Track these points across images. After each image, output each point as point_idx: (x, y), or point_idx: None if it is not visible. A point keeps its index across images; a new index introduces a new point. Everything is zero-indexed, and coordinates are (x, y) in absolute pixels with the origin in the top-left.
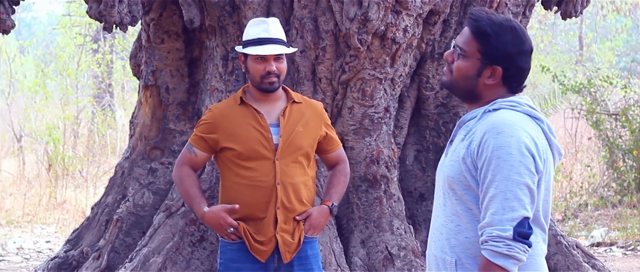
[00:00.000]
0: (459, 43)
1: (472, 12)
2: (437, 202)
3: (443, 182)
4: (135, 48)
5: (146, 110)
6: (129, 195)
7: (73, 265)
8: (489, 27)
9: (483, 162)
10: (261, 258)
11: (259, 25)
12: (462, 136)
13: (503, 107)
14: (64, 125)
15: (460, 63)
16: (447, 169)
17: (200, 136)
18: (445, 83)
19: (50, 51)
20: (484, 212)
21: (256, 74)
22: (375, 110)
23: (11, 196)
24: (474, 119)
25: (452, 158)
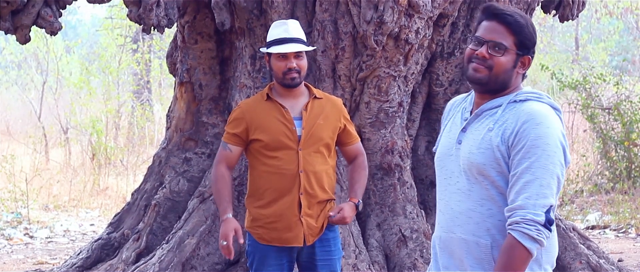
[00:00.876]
0: (495, 38)
1: (494, 7)
2: (457, 188)
3: (468, 168)
4: (171, 48)
5: (181, 105)
6: (166, 182)
7: (115, 246)
8: (522, 19)
9: (519, 149)
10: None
11: (279, 26)
12: (490, 125)
13: (530, 98)
14: (106, 118)
15: (502, 58)
16: (474, 156)
17: (231, 133)
18: (481, 79)
19: (94, 51)
20: (515, 195)
21: (278, 71)
22: (389, 105)
23: (58, 182)
24: (497, 107)
25: (481, 146)
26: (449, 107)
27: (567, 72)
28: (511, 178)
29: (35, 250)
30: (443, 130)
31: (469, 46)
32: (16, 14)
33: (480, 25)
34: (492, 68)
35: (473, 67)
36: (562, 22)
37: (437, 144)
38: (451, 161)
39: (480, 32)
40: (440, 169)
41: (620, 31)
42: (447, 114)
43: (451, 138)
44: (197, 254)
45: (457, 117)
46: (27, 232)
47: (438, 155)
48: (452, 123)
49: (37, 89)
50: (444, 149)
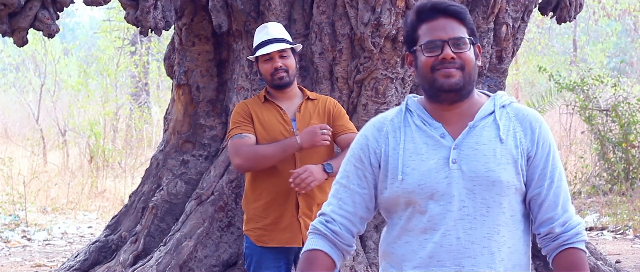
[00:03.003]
0: (454, 34)
1: (430, 4)
2: (464, 214)
3: (486, 188)
4: (169, 50)
5: (179, 107)
6: (163, 184)
7: (112, 248)
8: (461, 6)
9: (542, 156)
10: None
11: (261, 31)
12: (500, 135)
13: (513, 101)
14: (104, 120)
15: (468, 53)
16: (497, 174)
17: (243, 121)
18: (458, 83)
19: (92, 53)
20: (557, 207)
21: (266, 73)
22: (387, 107)
23: (56, 185)
24: (490, 115)
25: (500, 161)
26: (376, 131)
27: (565, 73)
28: (541, 190)
29: (33, 252)
30: (401, 156)
31: (422, 57)
32: (13, 16)
33: (423, 29)
34: (464, 67)
35: (444, 74)
36: (559, 24)
37: (399, 173)
38: (445, 184)
39: (430, 35)
40: (427, 196)
41: (618, 33)
42: (379, 140)
43: (433, 159)
44: (195, 256)
45: (419, 136)
46: (24, 235)
47: (417, 181)
48: (416, 144)
49: (35, 91)
50: (430, 174)
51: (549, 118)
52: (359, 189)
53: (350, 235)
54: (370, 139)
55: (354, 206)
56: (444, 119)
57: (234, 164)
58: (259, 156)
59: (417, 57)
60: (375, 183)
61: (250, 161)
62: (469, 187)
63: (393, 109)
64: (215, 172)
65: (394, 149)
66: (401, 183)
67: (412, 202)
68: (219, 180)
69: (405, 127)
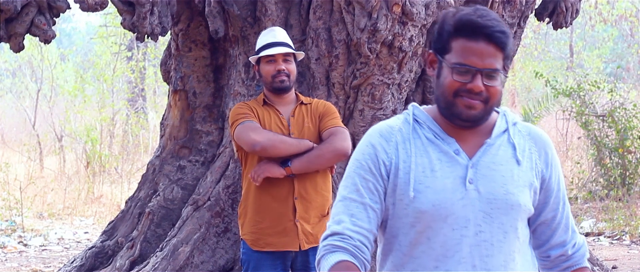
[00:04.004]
0: (491, 65)
1: (477, 23)
2: (480, 239)
3: (504, 212)
4: (165, 56)
5: (175, 112)
6: (160, 190)
7: (109, 254)
8: (506, 27)
9: (553, 178)
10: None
11: (267, 33)
12: (516, 156)
13: (517, 120)
14: (101, 126)
15: (497, 85)
16: (516, 197)
17: (248, 113)
18: (477, 116)
19: (89, 59)
20: (568, 229)
21: (268, 75)
22: (383, 113)
23: (53, 190)
24: (504, 133)
25: (518, 183)
26: (384, 141)
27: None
28: (556, 214)
29: (29, 258)
30: (412, 170)
31: (448, 76)
32: (10, 22)
33: (458, 43)
34: (489, 100)
35: (465, 104)
36: (556, 30)
37: (411, 190)
38: (462, 206)
39: (464, 57)
40: (443, 218)
41: (614, 38)
42: (388, 151)
43: (448, 178)
44: (191, 261)
45: (432, 150)
46: (21, 240)
47: (432, 201)
48: (430, 159)
49: (31, 97)
50: (445, 194)
51: (546, 124)
52: (372, 203)
53: (369, 253)
54: (378, 150)
55: (369, 221)
56: (457, 134)
57: (250, 141)
58: (278, 138)
59: (441, 67)
60: (385, 197)
61: (270, 141)
62: (486, 211)
63: (395, 118)
64: (212, 178)
65: (404, 162)
66: (412, 201)
67: (421, 224)
68: (215, 185)
69: (414, 138)
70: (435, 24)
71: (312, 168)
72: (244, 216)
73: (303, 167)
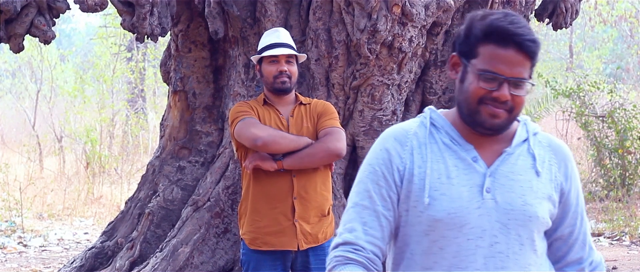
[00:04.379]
0: (519, 74)
1: (507, 29)
2: (496, 251)
3: (521, 224)
4: (165, 56)
5: (175, 113)
6: (160, 191)
7: (108, 254)
8: (536, 35)
9: (572, 192)
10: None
11: (271, 34)
12: (535, 167)
13: (537, 130)
14: (101, 127)
15: (523, 94)
16: (534, 208)
17: (248, 111)
18: (500, 125)
19: (88, 59)
20: (586, 246)
21: (269, 75)
22: (383, 114)
23: (52, 191)
24: (524, 142)
25: (537, 195)
26: (398, 145)
27: (561, 80)
28: (573, 229)
29: (29, 259)
30: (428, 176)
31: (473, 82)
32: (9, 22)
33: (486, 49)
34: (513, 110)
35: (490, 113)
36: (555, 30)
37: (426, 196)
38: (478, 215)
39: (492, 64)
40: (458, 227)
41: (614, 39)
42: (402, 156)
43: (465, 185)
44: (191, 262)
45: (448, 155)
46: (21, 241)
47: (447, 209)
48: (446, 165)
49: (31, 97)
50: (461, 202)
51: (545, 124)
52: (384, 211)
53: (381, 263)
54: (392, 154)
55: (382, 230)
56: (475, 141)
57: (252, 137)
58: (279, 135)
59: (466, 71)
60: (398, 205)
61: (271, 136)
62: (503, 221)
63: (411, 121)
64: (212, 179)
65: (420, 167)
66: (427, 208)
67: (435, 233)
68: (215, 186)
69: (430, 143)
70: (461, 26)
71: (304, 166)
72: (244, 215)
73: (295, 163)
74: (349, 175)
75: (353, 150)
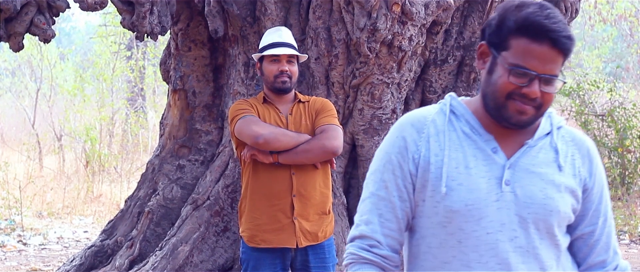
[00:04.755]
0: (551, 71)
1: (542, 24)
2: (515, 245)
3: (542, 218)
4: (165, 55)
5: (175, 112)
6: (159, 189)
7: (108, 253)
8: (570, 29)
9: (595, 189)
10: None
11: (273, 32)
12: (558, 161)
13: (562, 123)
14: (100, 125)
15: (553, 91)
16: (556, 203)
17: (248, 109)
18: (527, 122)
19: (88, 58)
20: (609, 249)
21: (270, 74)
22: (383, 112)
23: (52, 190)
24: (546, 136)
25: (560, 189)
26: (415, 133)
27: None
28: (594, 228)
29: (28, 257)
30: (445, 165)
31: (503, 76)
32: (9, 21)
33: (518, 42)
34: (542, 107)
35: (517, 109)
36: None
37: (443, 186)
38: (496, 208)
39: (524, 59)
40: (476, 220)
41: (614, 38)
42: (418, 144)
43: (484, 177)
44: (191, 261)
45: (467, 145)
46: (20, 239)
47: (464, 200)
48: (464, 154)
49: (31, 96)
50: (479, 193)
51: None
52: (400, 202)
53: (397, 254)
54: (408, 142)
55: (398, 221)
56: (496, 132)
57: (253, 134)
58: (280, 132)
59: (495, 63)
60: (413, 195)
61: (272, 133)
62: (522, 215)
63: (430, 107)
64: (211, 177)
65: (437, 155)
66: (444, 198)
67: (452, 226)
68: (214, 185)
69: (449, 131)
70: (493, 16)
71: (299, 162)
72: (243, 213)
73: (290, 159)
74: (349, 173)
75: (353, 148)
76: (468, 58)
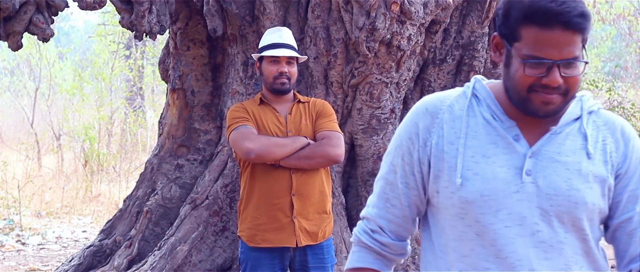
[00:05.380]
0: (570, 55)
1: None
2: (537, 240)
3: (566, 210)
4: (163, 54)
5: (173, 111)
6: (158, 189)
7: (107, 253)
8: (586, 11)
9: (635, 174)
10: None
11: (273, 33)
12: (586, 148)
13: (600, 106)
14: (99, 125)
15: (576, 74)
16: (583, 194)
17: (243, 116)
18: (555, 111)
19: (87, 57)
20: None
21: (269, 75)
22: (381, 112)
23: (51, 189)
24: (576, 121)
25: (588, 179)
26: (428, 117)
27: None
28: (632, 215)
29: (27, 257)
30: (461, 154)
31: (519, 70)
32: (8, 20)
33: (529, 32)
34: (568, 93)
35: (542, 101)
36: None
37: (458, 176)
38: (516, 200)
39: (538, 49)
40: (493, 212)
41: (612, 37)
42: (431, 130)
43: (503, 166)
44: (189, 260)
45: (486, 132)
46: (19, 239)
47: (480, 191)
48: (482, 142)
49: (29, 95)
50: (497, 184)
51: None
52: (407, 189)
53: (401, 241)
54: (420, 128)
55: (403, 208)
56: (519, 117)
57: (244, 149)
58: (272, 143)
59: (510, 55)
60: (424, 183)
61: (263, 147)
62: (545, 208)
63: (452, 91)
64: (210, 177)
65: (452, 143)
66: (459, 189)
67: (469, 218)
68: (213, 184)
69: (469, 117)
70: (499, 5)
71: (300, 167)
72: (242, 212)
73: (292, 164)
74: (348, 173)
75: (351, 148)
76: (467, 57)
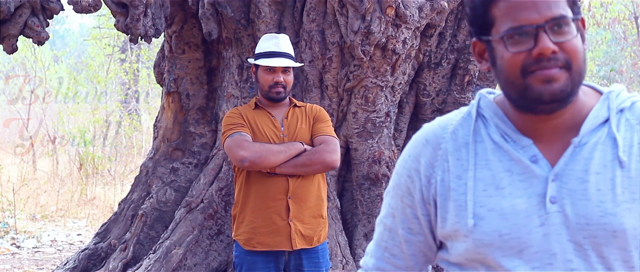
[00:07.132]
0: (555, 12)
1: None
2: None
3: (603, 239)
4: (158, 58)
5: (169, 114)
6: (153, 192)
7: (102, 256)
8: None
9: None
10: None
11: (270, 39)
12: (618, 157)
13: (635, 100)
14: (94, 128)
15: (573, 39)
16: (619, 218)
17: (238, 123)
18: (564, 90)
19: (82, 60)
20: None
21: (265, 83)
22: (377, 115)
23: (46, 192)
24: (603, 126)
25: (622, 198)
26: (430, 150)
27: None
28: None
29: (22, 260)
30: (470, 190)
31: (504, 53)
32: (3, 23)
33: (500, 7)
34: (570, 63)
35: (542, 78)
36: None
37: (469, 217)
38: (541, 235)
39: (514, 17)
40: (516, 253)
41: (607, 41)
42: (434, 164)
43: (521, 196)
44: (184, 264)
45: (497, 158)
46: (14, 242)
47: (498, 230)
48: (494, 172)
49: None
50: (517, 219)
51: None
52: (410, 235)
53: None
54: (422, 163)
55: (405, 258)
56: (536, 132)
57: (238, 157)
58: (266, 150)
59: (493, 48)
60: (431, 227)
61: (257, 154)
62: (578, 241)
63: (456, 113)
64: (205, 180)
65: (459, 177)
66: (472, 231)
67: (489, 260)
68: (208, 188)
69: (476, 143)
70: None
71: (297, 173)
72: (237, 216)
73: (288, 171)
74: (343, 177)
75: (347, 152)
76: (462, 61)
